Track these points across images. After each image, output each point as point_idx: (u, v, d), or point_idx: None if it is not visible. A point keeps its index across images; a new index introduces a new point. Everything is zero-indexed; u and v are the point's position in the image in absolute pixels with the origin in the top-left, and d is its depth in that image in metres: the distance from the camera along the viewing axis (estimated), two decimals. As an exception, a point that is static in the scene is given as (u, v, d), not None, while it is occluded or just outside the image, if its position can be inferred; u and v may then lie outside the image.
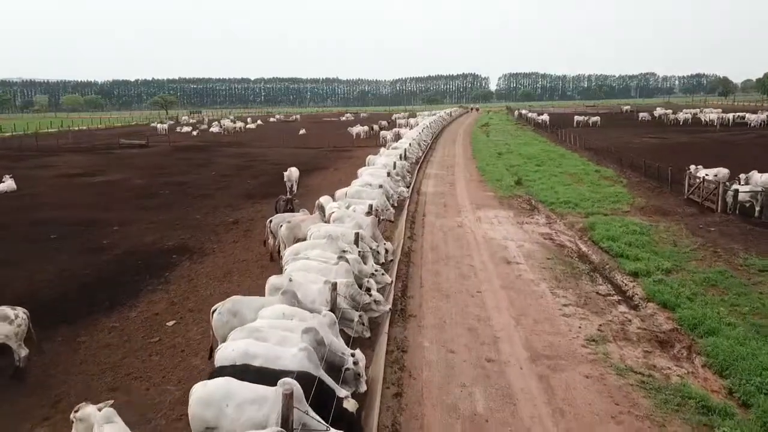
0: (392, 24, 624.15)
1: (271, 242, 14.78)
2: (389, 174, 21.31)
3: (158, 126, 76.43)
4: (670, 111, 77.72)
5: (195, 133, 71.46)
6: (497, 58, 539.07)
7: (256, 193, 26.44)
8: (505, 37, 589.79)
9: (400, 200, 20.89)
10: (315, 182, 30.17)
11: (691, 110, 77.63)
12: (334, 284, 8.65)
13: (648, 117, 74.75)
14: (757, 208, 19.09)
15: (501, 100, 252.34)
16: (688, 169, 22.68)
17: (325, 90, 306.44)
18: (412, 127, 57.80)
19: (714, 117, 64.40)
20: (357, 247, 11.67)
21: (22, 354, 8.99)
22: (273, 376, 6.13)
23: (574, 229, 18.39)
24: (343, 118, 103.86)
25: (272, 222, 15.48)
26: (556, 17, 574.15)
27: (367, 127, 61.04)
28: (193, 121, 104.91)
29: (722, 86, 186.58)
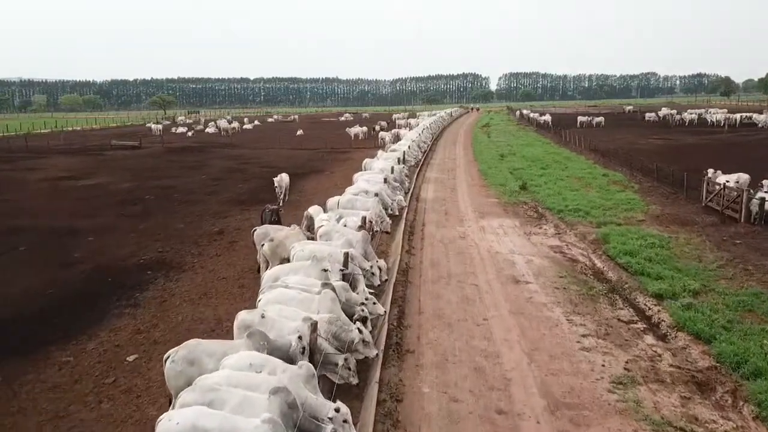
0: (392, 24, 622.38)
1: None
2: (386, 180, 19.84)
3: (152, 126, 74.80)
4: (674, 111, 76.13)
5: (190, 134, 69.95)
6: (497, 58, 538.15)
7: (246, 198, 24.99)
8: (506, 37, 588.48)
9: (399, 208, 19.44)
10: (309, 186, 28.73)
11: (695, 110, 76.03)
12: (314, 324, 7.18)
13: (656, 117, 73.13)
14: (785, 218, 17.62)
15: (501, 100, 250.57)
16: (706, 174, 21.19)
17: (325, 90, 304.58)
18: (412, 127, 56.32)
19: (720, 117, 62.91)
20: (346, 269, 10.21)
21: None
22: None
23: (586, 241, 16.93)
24: (342, 119, 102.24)
25: (255, 233, 14.09)
26: (556, 17, 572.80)
27: (366, 128, 59.55)
28: (189, 121, 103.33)
29: (724, 86, 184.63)
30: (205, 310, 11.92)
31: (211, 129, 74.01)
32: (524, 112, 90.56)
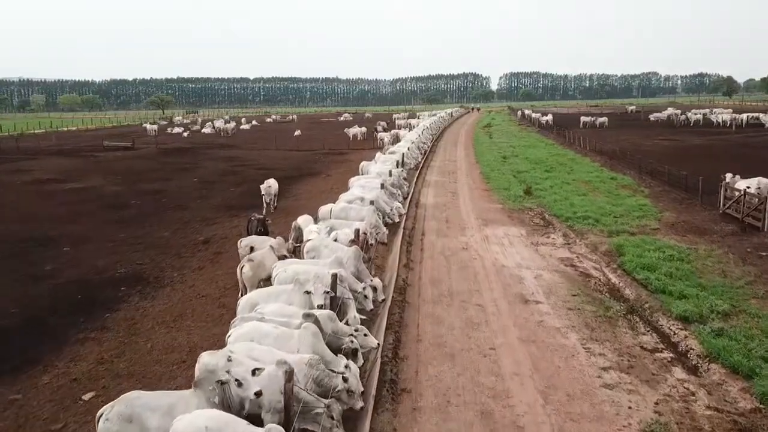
0: (392, 24, 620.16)
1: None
2: (383, 186, 18.60)
3: (148, 127, 73.46)
4: (679, 111, 74.74)
5: (186, 134, 68.67)
6: (498, 58, 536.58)
7: (236, 203, 23.75)
8: (506, 37, 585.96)
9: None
10: (304, 190, 27.53)
11: (700, 110, 74.62)
12: (290, 372, 5.94)
13: (664, 117, 71.59)
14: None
15: (502, 99, 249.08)
16: (724, 179, 19.94)
17: (325, 89, 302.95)
18: (413, 127, 55.04)
19: (727, 118, 61.55)
20: (334, 292, 8.97)
21: None
22: None
23: (598, 253, 15.69)
24: (342, 119, 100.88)
25: (242, 244, 12.94)
26: (556, 16, 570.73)
27: (365, 129, 58.28)
28: (186, 121, 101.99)
29: (726, 86, 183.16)
30: (178, 335, 10.68)
31: (207, 129, 72.72)
32: (526, 112, 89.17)
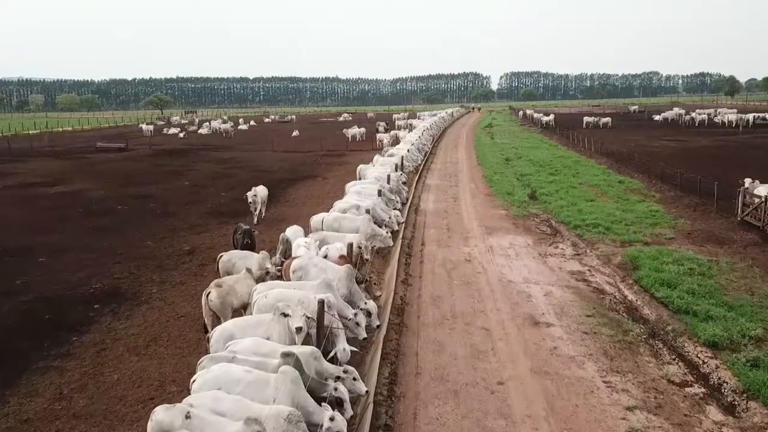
0: (392, 24, 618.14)
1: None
2: (381, 192, 17.46)
3: (144, 127, 72.24)
4: (683, 111, 73.58)
5: (182, 135, 67.49)
6: (498, 57, 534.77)
7: (227, 209, 22.63)
8: (506, 37, 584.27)
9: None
10: (299, 194, 26.45)
11: (704, 110, 73.45)
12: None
13: (674, 116, 70.43)
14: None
15: (503, 99, 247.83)
16: (742, 184, 18.82)
17: (325, 89, 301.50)
18: (413, 128, 53.88)
19: (733, 118, 60.43)
20: (322, 321, 7.84)
21: None
22: None
23: (611, 265, 14.56)
24: (341, 119, 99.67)
25: (221, 259, 11.78)
26: (557, 16, 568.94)
27: (364, 129, 57.15)
28: (183, 121, 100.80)
29: (729, 85, 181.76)
30: (149, 364, 9.57)
31: (204, 130, 71.59)
32: (528, 112, 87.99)
